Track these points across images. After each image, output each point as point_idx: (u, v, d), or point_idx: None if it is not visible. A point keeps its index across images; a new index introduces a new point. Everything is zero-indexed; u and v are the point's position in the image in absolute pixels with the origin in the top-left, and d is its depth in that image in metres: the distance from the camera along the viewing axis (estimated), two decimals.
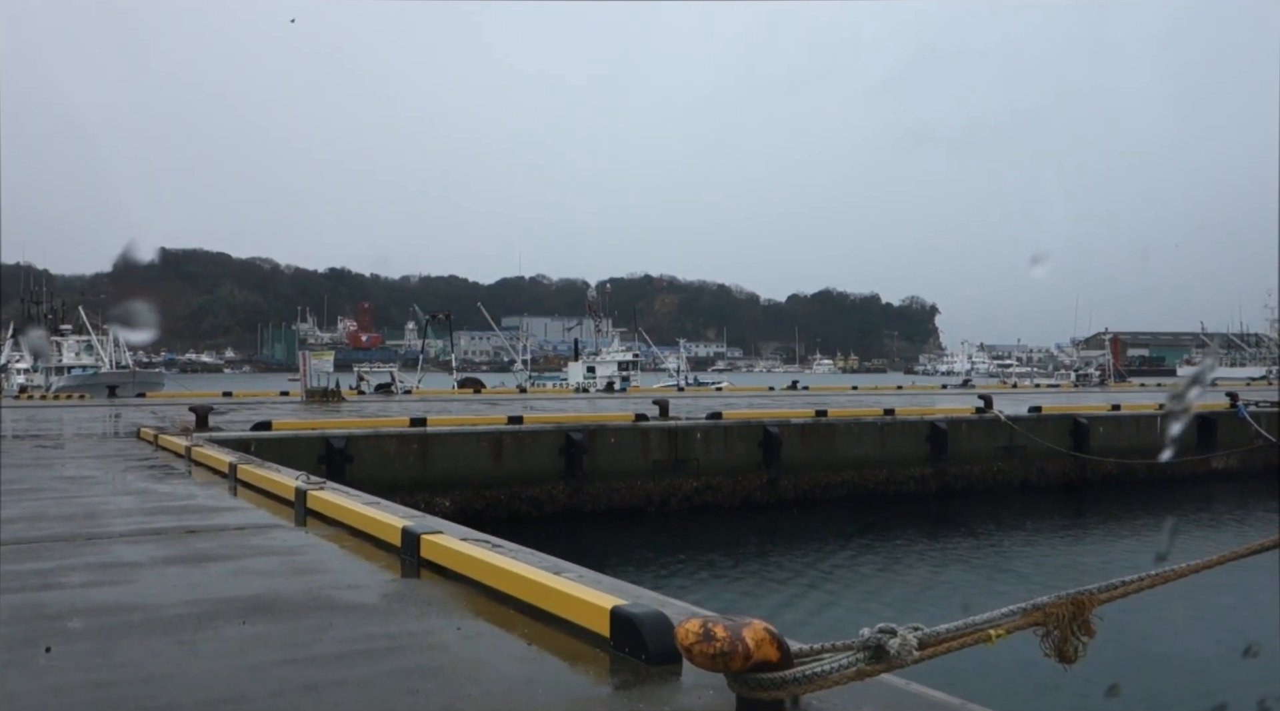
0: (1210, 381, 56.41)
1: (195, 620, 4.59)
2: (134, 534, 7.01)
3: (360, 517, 7.04)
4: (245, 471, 9.98)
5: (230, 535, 6.99)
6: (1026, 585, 15.29)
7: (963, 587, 15.20)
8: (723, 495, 20.16)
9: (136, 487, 9.76)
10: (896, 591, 14.87)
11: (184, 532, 7.08)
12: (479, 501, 18.01)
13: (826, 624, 13.03)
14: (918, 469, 22.09)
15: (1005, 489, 22.86)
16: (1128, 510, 22.29)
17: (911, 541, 18.79)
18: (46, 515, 7.88)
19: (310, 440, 16.99)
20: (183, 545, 6.57)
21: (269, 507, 8.45)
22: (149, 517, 7.79)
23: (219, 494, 9.44)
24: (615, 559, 17.11)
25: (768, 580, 15.65)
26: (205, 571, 5.75)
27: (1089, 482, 23.67)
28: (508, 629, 4.48)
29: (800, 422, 21.16)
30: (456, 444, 18.19)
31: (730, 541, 18.68)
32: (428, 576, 5.69)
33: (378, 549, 6.47)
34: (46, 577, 5.52)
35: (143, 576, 5.61)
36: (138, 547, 6.51)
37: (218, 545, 6.57)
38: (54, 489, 9.63)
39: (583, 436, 18.95)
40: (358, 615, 4.74)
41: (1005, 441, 23.11)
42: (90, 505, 8.50)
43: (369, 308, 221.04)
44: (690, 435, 20.05)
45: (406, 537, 6.13)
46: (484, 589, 5.22)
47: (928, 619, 3.39)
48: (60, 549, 6.42)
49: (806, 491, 20.84)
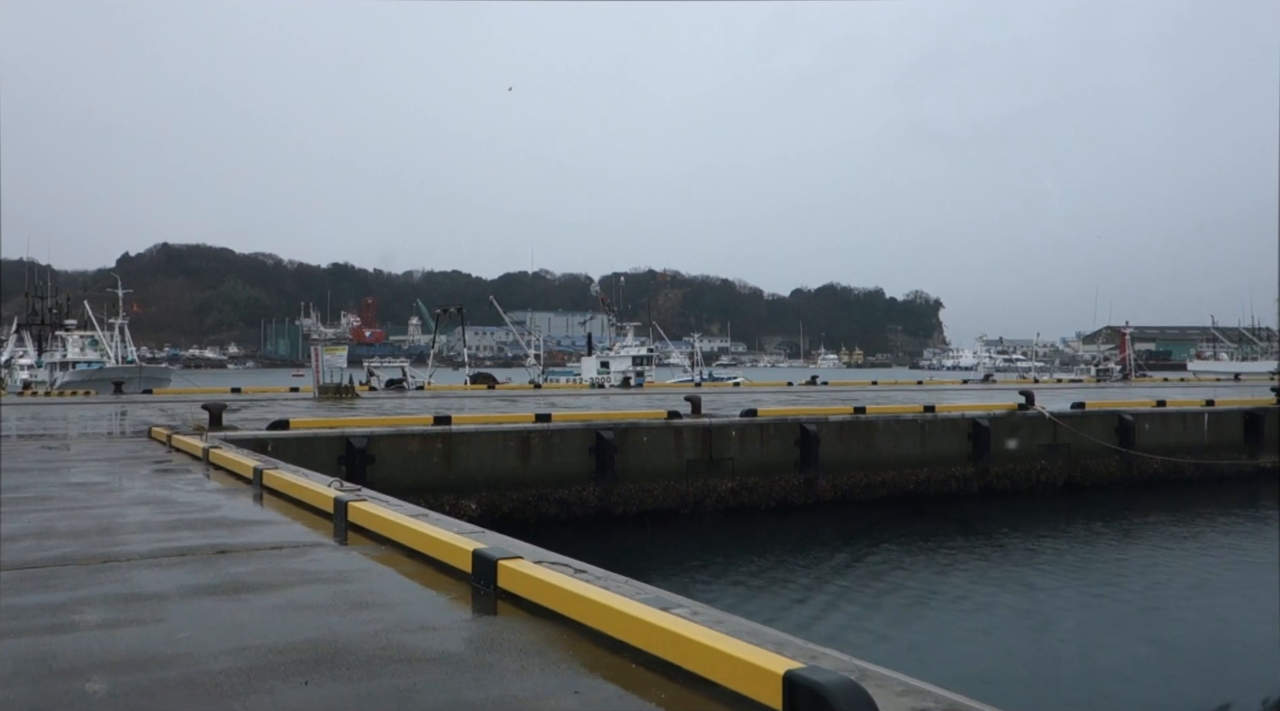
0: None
1: (244, 678, 3.68)
2: (156, 555, 6.10)
3: (415, 535, 6.13)
4: (272, 478, 9.06)
5: (267, 556, 6.08)
6: (1082, 596, 14.44)
7: (1015, 598, 14.30)
8: (758, 496, 19.25)
9: (153, 496, 8.85)
10: (947, 602, 13.96)
11: (213, 553, 6.17)
12: (506, 503, 17.12)
13: (880, 638, 12.17)
14: (959, 468, 21.17)
15: (1049, 489, 21.94)
16: (1177, 510, 21.38)
17: (958, 547, 17.86)
18: (54, 530, 6.98)
19: (330, 440, 16.09)
20: (214, 570, 5.66)
21: (304, 520, 7.54)
22: (171, 533, 6.88)
23: (245, 503, 8.52)
24: (650, 564, 16.24)
25: (813, 589, 14.75)
26: (246, 606, 4.84)
27: (1134, 481, 22.74)
28: (640, 693, 3.56)
29: (838, 420, 20.23)
30: (482, 443, 17.28)
31: (769, 545, 17.78)
32: (508, 611, 4.78)
33: (440, 573, 5.56)
34: (56, 615, 4.61)
35: (172, 613, 4.70)
36: (162, 573, 5.59)
37: (254, 570, 5.65)
38: (62, 498, 8.72)
39: (614, 435, 18.04)
40: (442, 670, 3.83)
41: (1049, 439, 22.18)
42: (103, 517, 7.59)
43: (373, 303, 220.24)
44: (725, 433, 19.12)
45: (480, 563, 5.22)
46: (587, 632, 4.32)
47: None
48: (72, 575, 5.52)
49: (845, 492, 19.91)
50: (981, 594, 14.31)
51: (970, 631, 12.68)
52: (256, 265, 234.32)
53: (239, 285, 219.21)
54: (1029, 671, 11.16)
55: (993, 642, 12.19)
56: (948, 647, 11.98)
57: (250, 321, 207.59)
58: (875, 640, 12.09)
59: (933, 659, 11.32)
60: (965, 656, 11.71)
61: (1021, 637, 12.39)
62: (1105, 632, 12.56)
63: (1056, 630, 12.71)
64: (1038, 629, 12.73)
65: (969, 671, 10.89)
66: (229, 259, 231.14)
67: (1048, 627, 12.76)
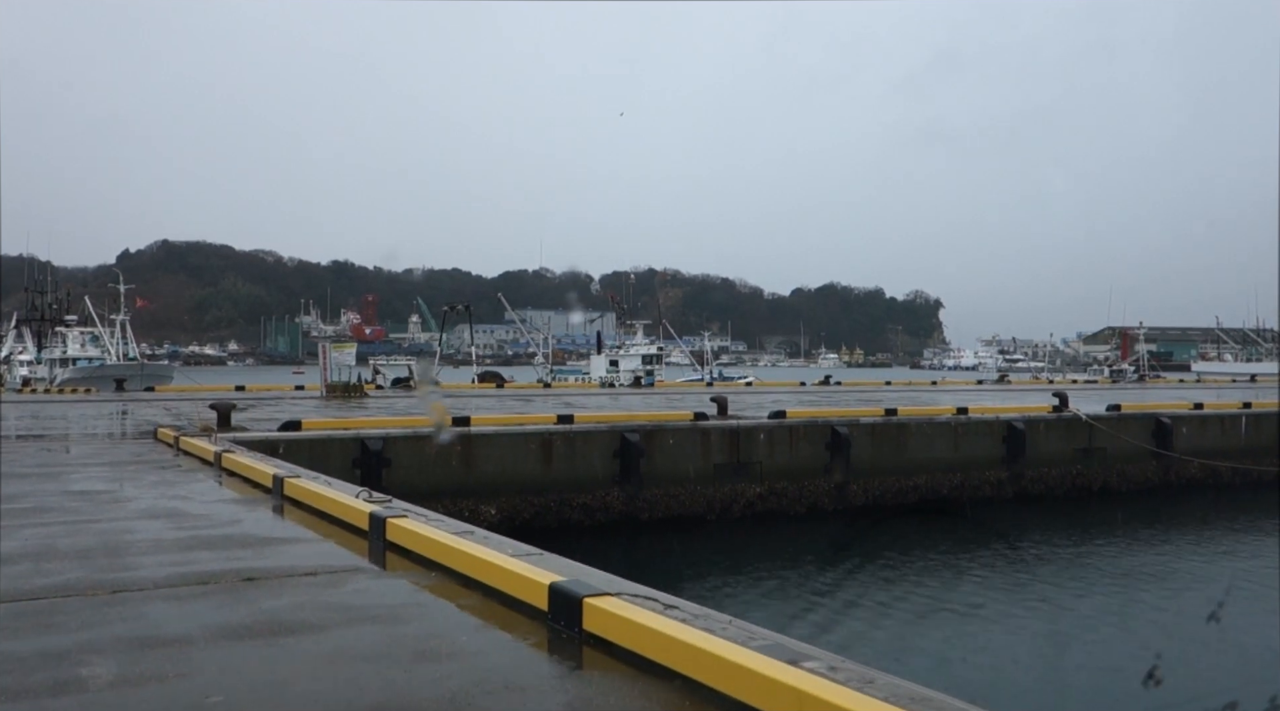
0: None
1: None
2: (173, 582, 5.30)
3: (471, 561, 5.32)
4: (295, 487, 8.26)
5: (301, 585, 5.28)
6: (1129, 613, 13.69)
7: (1062, 613, 13.53)
8: (788, 501, 18.45)
9: (164, 507, 8.04)
10: (990, 620, 13.18)
11: (239, 580, 5.37)
12: (527, 509, 16.34)
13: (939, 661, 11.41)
14: (993, 472, 20.37)
15: (1085, 494, 21.15)
16: (1216, 517, 20.66)
17: (997, 557, 17.08)
18: (55, 550, 6.18)
19: (344, 441, 15.30)
20: (243, 604, 4.86)
21: (334, 537, 6.75)
22: (188, 554, 6.09)
23: (265, 516, 7.72)
24: (678, 573, 15.49)
25: (850, 603, 14.00)
26: (287, 654, 4.04)
27: (1171, 486, 21.96)
28: None
29: (870, 422, 19.43)
30: (503, 445, 16.49)
31: (800, 554, 17.03)
32: (599, 661, 3.99)
33: (506, 609, 4.77)
34: (60, 667, 3.81)
35: (199, 664, 3.89)
36: (182, 607, 4.80)
37: (290, 604, 4.85)
38: (63, 508, 7.92)
39: (639, 438, 17.24)
40: None
41: (1084, 442, 21.40)
42: (110, 533, 6.80)
43: (373, 300, 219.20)
44: (754, 436, 18.33)
45: (560, 600, 4.43)
46: (702, 691, 3.54)
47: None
48: (77, 610, 4.72)
49: (877, 497, 19.12)
50: (1031, 612, 13.55)
51: (1032, 656, 11.92)
52: (256, 262, 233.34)
53: (239, 282, 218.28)
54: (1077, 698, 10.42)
55: (1046, 667, 11.45)
56: (1019, 674, 11.24)
57: (250, 318, 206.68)
58: (934, 663, 11.35)
59: (1005, 683, 10.57)
60: (1028, 683, 10.98)
61: (1069, 659, 11.63)
62: (1156, 655, 11.81)
63: (1104, 651, 11.94)
64: (1082, 647, 11.97)
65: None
66: (229, 255, 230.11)
67: (1093, 647, 12.00)
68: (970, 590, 14.71)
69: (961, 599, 14.20)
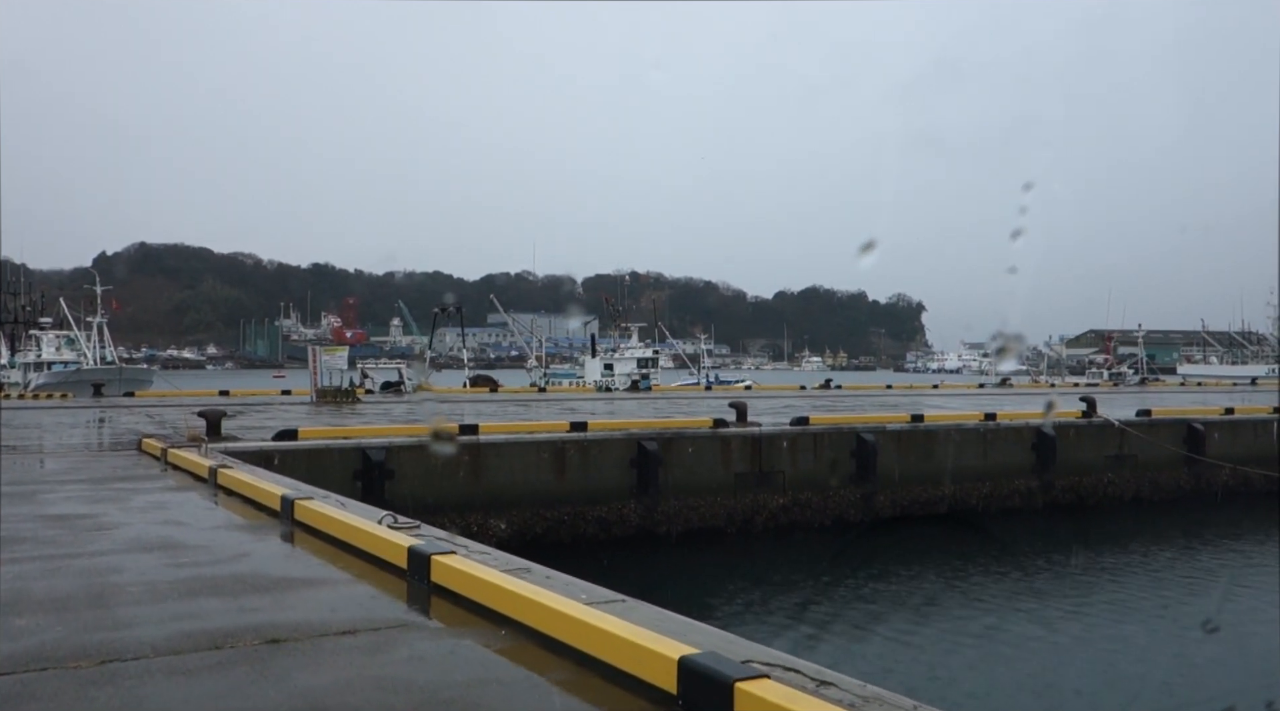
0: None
1: None
2: (177, 647, 4.19)
3: (557, 618, 4.23)
4: (308, 511, 7.14)
5: (340, 651, 4.18)
6: (1169, 634, 12.76)
7: (1104, 635, 12.58)
8: (812, 512, 17.40)
9: (156, 535, 6.91)
10: (1023, 641, 12.23)
11: (260, 641, 4.26)
12: (539, 523, 15.25)
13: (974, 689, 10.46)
14: (1023, 481, 19.39)
15: (1117, 503, 20.22)
16: (1250, 527, 19.79)
17: (1033, 573, 16.06)
18: (28, 597, 5.05)
19: (344, 451, 14.18)
20: (270, 681, 3.75)
21: (365, 576, 5.64)
22: (190, 602, 4.97)
23: (276, 547, 6.61)
24: (701, 591, 14.47)
25: (885, 623, 13.00)
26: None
27: (1204, 494, 21.08)
28: None
29: (897, 429, 18.44)
30: (513, 455, 15.40)
31: (826, 570, 16.00)
32: None
33: (611, 685, 3.69)
34: None
35: None
36: (190, 687, 3.69)
37: (333, 684, 3.75)
38: (37, 539, 6.78)
39: (657, 446, 16.17)
40: None
41: (1115, 449, 20.48)
42: (94, 573, 5.67)
43: (353, 303, 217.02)
44: (776, 444, 17.29)
45: (694, 679, 3.35)
46: None
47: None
48: (55, 689, 3.60)
49: (905, 508, 18.11)
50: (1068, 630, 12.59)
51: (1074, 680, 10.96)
52: (235, 264, 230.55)
53: (217, 285, 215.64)
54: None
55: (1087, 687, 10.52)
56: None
57: (229, 322, 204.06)
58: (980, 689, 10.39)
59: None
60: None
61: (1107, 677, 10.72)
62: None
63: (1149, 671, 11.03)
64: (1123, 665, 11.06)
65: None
66: (207, 258, 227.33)
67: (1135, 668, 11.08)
68: (1011, 612, 13.72)
69: (1001, 622, 13.19)
